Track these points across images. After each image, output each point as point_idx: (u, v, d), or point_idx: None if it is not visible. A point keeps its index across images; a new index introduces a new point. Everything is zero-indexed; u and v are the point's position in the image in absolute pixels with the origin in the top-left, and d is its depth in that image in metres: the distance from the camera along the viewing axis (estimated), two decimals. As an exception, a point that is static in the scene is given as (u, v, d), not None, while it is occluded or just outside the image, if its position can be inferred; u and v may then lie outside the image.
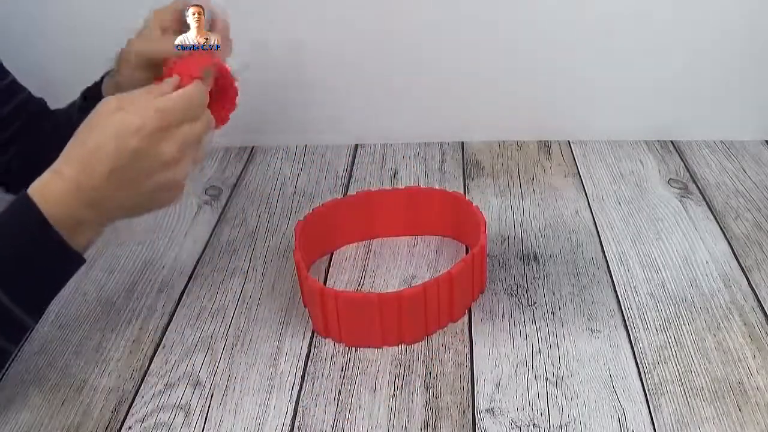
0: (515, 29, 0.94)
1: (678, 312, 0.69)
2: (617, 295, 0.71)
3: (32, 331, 0.59)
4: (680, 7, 0.91)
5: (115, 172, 0.55)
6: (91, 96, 0.75)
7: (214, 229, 0.84)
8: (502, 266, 0.75)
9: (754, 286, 0.72)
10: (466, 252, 0.77)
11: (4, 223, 0.55)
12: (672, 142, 0.99)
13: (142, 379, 0.63)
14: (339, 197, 0.80)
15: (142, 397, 0.62)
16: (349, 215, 0.78)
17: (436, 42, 0.95)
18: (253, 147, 1.02)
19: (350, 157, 0.98)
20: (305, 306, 0.71)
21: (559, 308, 0.70)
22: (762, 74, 0.95)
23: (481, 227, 0.70)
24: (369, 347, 0.66)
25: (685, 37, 0.93)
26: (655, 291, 0.71)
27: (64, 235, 0.55)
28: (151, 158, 0.56)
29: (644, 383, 0.61)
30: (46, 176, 0.56)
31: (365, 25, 0.95)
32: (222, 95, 0.68)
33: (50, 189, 0.55)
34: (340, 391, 0.62)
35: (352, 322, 0.65)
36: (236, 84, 0.69)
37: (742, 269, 0.74)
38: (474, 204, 0.74)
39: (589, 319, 0.68)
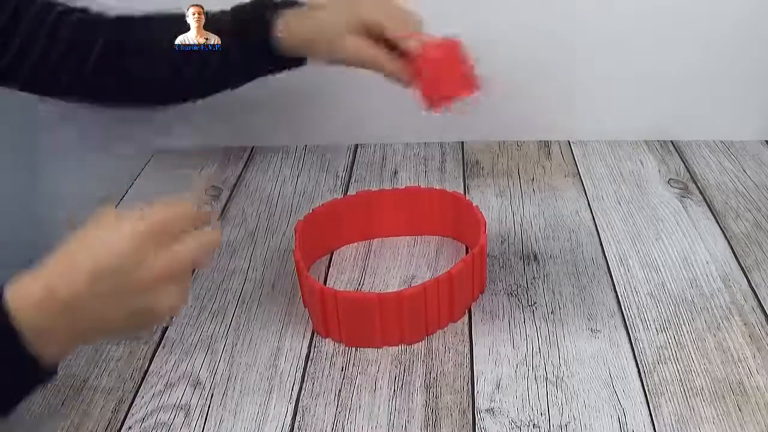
0: (515, 29, 0.94)
1: (678, 312, 0.69)
2: (617, 295, 0.71)
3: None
4: (680, 7, 0.91)
5: (98, 277, 0.50)
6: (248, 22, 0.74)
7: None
8: (502, 266, 0.75)
9: (754, 286, 0.72)
10: (466, 252, 0.77)
11: None
12: (672, 142, 0.99)
13: (142, 379, 0.63)
14: (339, 197, 0.80)
15: (142, 397, 0.62)
16: (349, 215, 0.78)
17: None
18: (253, 147, 1.02)
19: (350, 157, 0.98)
20: (305, 306, 0.71)
21: (559, 308, 0.70)
22: (762, 74, 0.95)
23: (481, 227, 0.70)
24: (369, 347, 0.66)
25: (685, 37, 0.93)
26: (655, 291, 0.71)
27: (35, 345, 0.50)
28: (138, 268, 0.51)
29: (644, 383, 0.61)
30: (27, 278, 0.51)
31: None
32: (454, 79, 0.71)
33: (28, 291, 0.50)
34: (340, 391, 0.62)
35: (352, 322, 0.65)
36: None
37: (742, 269, 0.74)
38: (474, 204, 0.74)
39: (589, 319, 0.68)
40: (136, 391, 0.62)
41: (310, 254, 0.75)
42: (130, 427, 0.59)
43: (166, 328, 0.69)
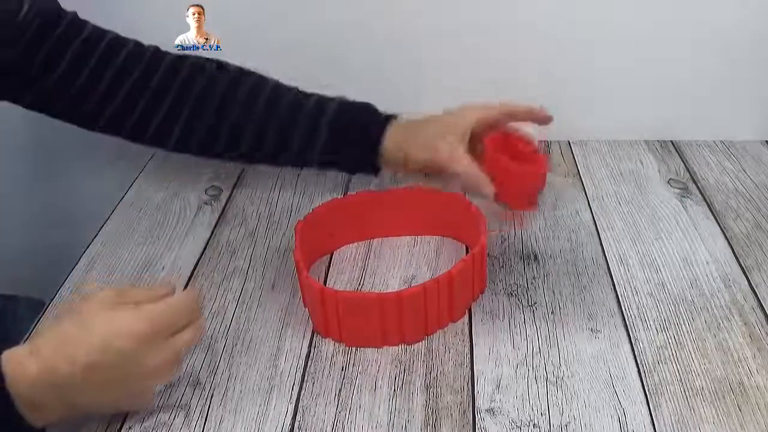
0: (515, 30, 0.94)
1: (678, 312, 0.69)
2: (617, 295, 0.71)
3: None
4: (680, 7, 0.91)
5: (94, 368, 0.53)
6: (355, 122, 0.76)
7: (214, 229, 0.84)
8: (502, 266, 0.75)
9: (754, 286, 0.72)
10: (466, 252, 0.77)
11: None
12: (672, 142, 0.99)
13: (142, 379, 0.63)
14: (339, 197, 0.80)
15: (142, 397, 0.62)
16: (349, 215, 0.78)
17: (436, 42, 0.95)
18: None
19: (350, 157, 0.98)
20: (305, 306, 0.71)
21: (559, 308, 0.70)
22: (762, 74, 0.95)
23: (481, 227, 0.70)
24: (369, 347, 0.66)
25: (685, 37, 0.93)
26: (655, 291, 0.71)
27: (25, 413, 0.52)
28: (133, 364, 0.54)
29: (644, 383, 0.61)
30: (23, 352, 0.53)
31: (365, 25, 0.95)
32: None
33: (24, 367, 0.52)
34: (340, 391, 0.62)
35: (352, 322, 0.65)
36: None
37: (742, 269, 0.74)
38: (474, 204, 0.74)
39: (589, 319, 0.68)
40: (136, 391, 0.62)
41: (310, 254, 0.75)
42: (130, 427, 0.59)
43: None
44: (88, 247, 0.81)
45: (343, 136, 0.76)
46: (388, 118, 0.76)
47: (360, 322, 0.65)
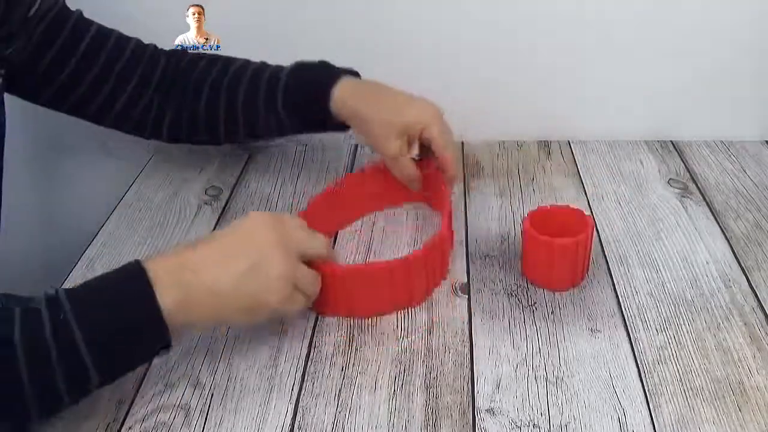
0: (515, 29, 0.94)
1: (678, 312, 0.69)
2: (617, 295, 0.71)
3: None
4: (680, 7, 0.91)
5: (226, 246, 0.59)
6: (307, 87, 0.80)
7: (214, 229, 0.84)
8: (502, 266, 0.75)
9: (754, 286, 0.72)
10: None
11: (112, 286, 0.56)
12: (672, 142, 0.99)
13: (142, 379, 0.63)
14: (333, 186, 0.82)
15: (142, 397, 0.62)
16: (338, 202, 0.81)
17: (436, 42, 0.95)
18: (253, 147, 1.01)
19: (350, 157, 0.98)
20: None
21: (559, 308, 0.70)
22: (762, 74, 0.95)
23: (445, 190, 0.76)
24: (371, 316, 0.69)
25: (685, 37, 0.93)
26: (655, 291, 0.71)
27: (169, 315, 0.55)
28: (265, 262, 0.59)
29: (644, 383, 0.61)
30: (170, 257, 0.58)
31: (365, 25, 0.95)
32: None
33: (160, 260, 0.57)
34: (340, 391, 0.62)
35: (363, 294, 0.68)
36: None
37: (742, 269, 0.74)
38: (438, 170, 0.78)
39: (589, 319, 0.68)
40: (136, 391, 0.62)
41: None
42: (130, 427, 0.59)
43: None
44: (88, 247, 0.81)
45: (297, 95, 0.80)
46: (338, 75, 0.80)
47: (370, 292, 0.68)
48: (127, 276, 0.56)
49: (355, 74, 0.82)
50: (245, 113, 0.82)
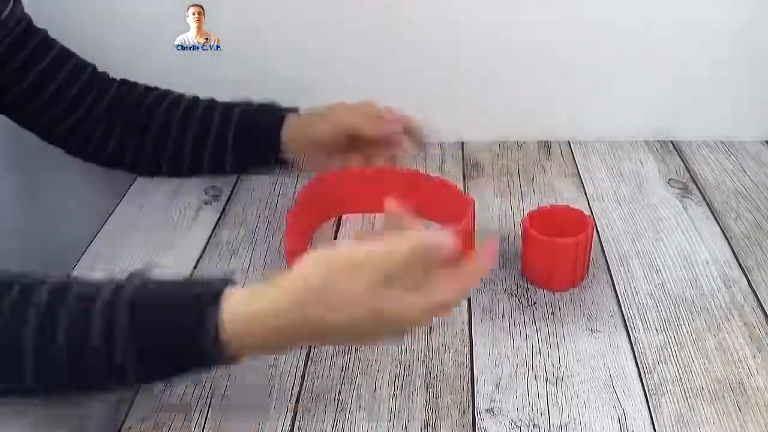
0: (515, 29, 0.94)
1: (678, 312, 0.69)
2: (617, 295, 0.71)
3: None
4: (680, 7, 0.91)
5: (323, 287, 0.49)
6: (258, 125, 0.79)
7: (214, 229, 0.84)
8: (502, 266, 0.75)
9: (754, 286, 0.72)
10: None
11: (182, 304, 0.51)
12: (672, 142, 0.99)
13: (142, 379, 0.63)
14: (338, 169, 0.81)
15: (143, 397, 0.62)
16: (344, 190, 0.81)
17: (436, 42, 0.95)
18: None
19: (350, 157, 0.98)
20: None
21: (559, 308, 0.70)
22: (762, 74, 0.95)
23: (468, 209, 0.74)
24: None
25: (685, 37, 0.93)
26: (655, 291, 0.71)
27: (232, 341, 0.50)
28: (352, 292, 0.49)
29: (644, 383, 0.61)
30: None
31: (365, 25, 0.95)
32: None
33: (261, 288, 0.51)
34: (340, 391, 0.62)
35: None
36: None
37: (742, 269, 0.74)
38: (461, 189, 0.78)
39: (589, 319, 0.68)
40: (137, 391, 0.62)
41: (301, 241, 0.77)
42: (130, 428, 0.59)
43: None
44: (88, 248, 0.81)
45: (246, 138, 0.79)
46: (285, 114, 0.80)
47: None
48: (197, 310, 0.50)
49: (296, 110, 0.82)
50: (192, 151, 0.81)
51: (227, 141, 0.79)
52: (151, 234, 0.83)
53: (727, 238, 0.79)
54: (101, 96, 0.81)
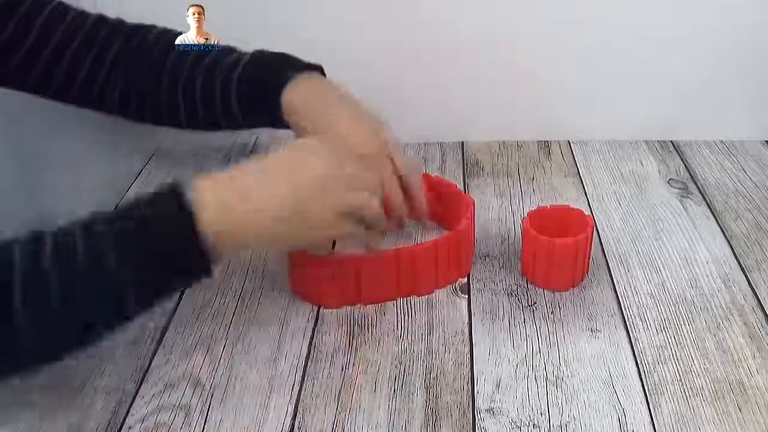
0: (515, 29, 0.94)
1: (678, 312, 0.69)
2: (617, 295, 0.71)
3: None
4: (680, 7, 0.91)
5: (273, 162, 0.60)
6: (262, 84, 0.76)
7: (214, 229, 0.84)
8: (502, 266, 0.75)
9: (754, 286, 0.72)
10: None
11: (155, 212, 0.55)
12: (672, 142, 0.99)
13: (142, 379, 0.63)
14: None
15: (142, 397, 0.62)
16: None
17: (436, 42, 0.95)
18: (253, 146, 1.02)
19: (350, 157, 0.98)
20: (298, 292, 0.72)
21: (559, 308, 0.70)
22: (762, 74, 0.95)
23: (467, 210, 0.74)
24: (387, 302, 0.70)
25: (685, 37, 0.93)
26: (655, 291, 0.71)
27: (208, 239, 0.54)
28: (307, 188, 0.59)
29: (644, 383, 0.61)
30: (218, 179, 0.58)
31: (365, 25, 0.95)
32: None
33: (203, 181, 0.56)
34: (340, 391, 0.62)
35: (371, 283, 0.69)
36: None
37: (742, 269, 0.74)
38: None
39: (589, 319, 0.68)
40: (136, 391, 0.62)
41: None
42: (130, 427, 0.59)
43: (166, 328, 0.69)
44: (88, 247, 0.81)
45: (250, 94, 0.77)
46: (289, 77, 0.76)
47: (378, 280, 0.69)
48: (167, 197, 0.55)
49: (316, 68, 0.79)
50: (204, 105, 0.79)
51: (230, 100, 0.77)
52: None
53: (727, 238, 0.79)
54: (108, 48, 0.79)
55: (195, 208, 0.54)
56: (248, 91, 0.76)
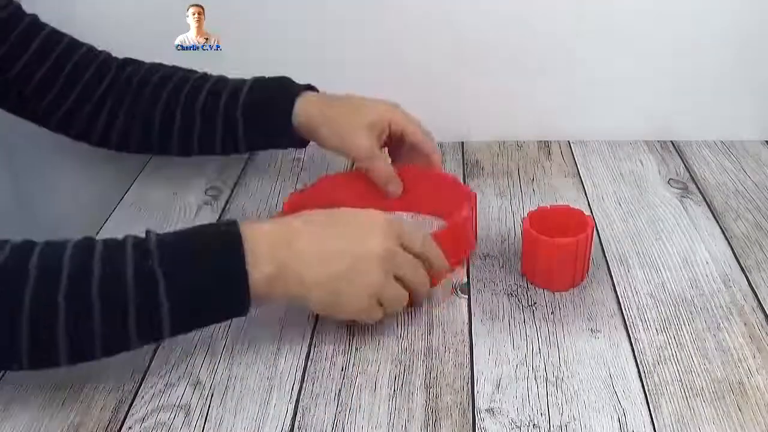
0: (515, 29, 0.94)
1: (678, 312, 0.69)
2: (617, 295, 0.71)
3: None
4: (680, 6, 0.91)
5: (324, 236, 0.60)
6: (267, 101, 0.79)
7: (214, 229, 0.84)
8: (502, 266, 0.75)
9: (754, 286, 0.72)
10: None
11: (206, 248, 0.57)
12: (672, 142, 0.99)
13: (142, 379, 0.63)
14: (331, 174, 0.82)
15: (142, 397, 0.62)
16: (344, 193, 0.81)
17: (436, 42, 0.95)
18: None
19: (350, 157, 0.98)
20: None
21: (559, 308, 0.70)
22: (762, 74, 0.95)
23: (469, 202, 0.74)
24: None
25: (684, 36, 0.93)
26: (655, 291, 0.71)
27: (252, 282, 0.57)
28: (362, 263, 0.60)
29: (644, 383, 0.61)
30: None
31: (364, 25, 0.95)
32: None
33: (261, 224, 0.59)
34: (340, 391, 0.62)
35: None
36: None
37: (742, 269, 0.74)
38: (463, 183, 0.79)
39: (589, 319, 0.68)
40: (136, 391, 0.62)
41: None
42: (130, 427, 0.59)
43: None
44: (88, 247, 0.81)
45: (257, 115, 0.80)
46: (299, 92, 0.79)
47: None
48: (224, 241, 0.57)
49: (313, 89, 0.82)
50: (202, 125, 0.81)
51: (236, 117, 0.80)
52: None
53: (727, 238, 0.79)
54: (100, 77, 0.80)
55: (249, 267, 0.56)
56: (256, 107, 0.79)
